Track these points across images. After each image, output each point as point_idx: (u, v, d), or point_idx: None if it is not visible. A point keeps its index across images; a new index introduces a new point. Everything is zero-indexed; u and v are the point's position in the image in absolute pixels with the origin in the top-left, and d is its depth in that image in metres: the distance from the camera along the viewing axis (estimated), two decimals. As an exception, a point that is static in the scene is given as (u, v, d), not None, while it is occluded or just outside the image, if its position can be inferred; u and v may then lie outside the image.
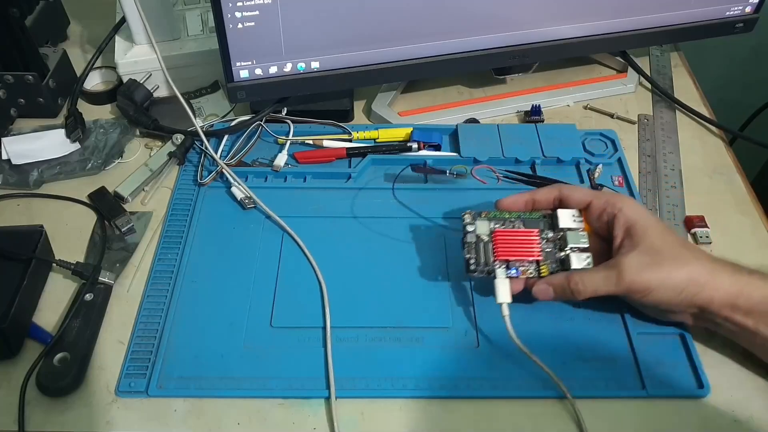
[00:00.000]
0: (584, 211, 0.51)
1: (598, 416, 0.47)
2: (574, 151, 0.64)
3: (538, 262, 0.49)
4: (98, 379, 0.49)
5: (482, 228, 0.50)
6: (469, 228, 0.51)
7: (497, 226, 0.51)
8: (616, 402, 0.48)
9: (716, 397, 0.47)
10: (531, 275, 0.49)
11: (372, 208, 0.60)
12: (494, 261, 0.49)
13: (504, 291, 0.48)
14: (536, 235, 0.50)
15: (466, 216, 0.51)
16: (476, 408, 0.47)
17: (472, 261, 0.49)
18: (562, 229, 0.50)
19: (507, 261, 0.49)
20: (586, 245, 0.49)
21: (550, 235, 0.51)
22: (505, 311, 0.48)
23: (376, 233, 0.58)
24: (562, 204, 0.52)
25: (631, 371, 0.49)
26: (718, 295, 0.45)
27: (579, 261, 0.49)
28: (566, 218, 0.50)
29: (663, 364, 0.49)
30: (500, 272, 0.49)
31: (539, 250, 0.49)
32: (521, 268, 0.49)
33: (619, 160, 0.65)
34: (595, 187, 0.62)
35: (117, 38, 0.71)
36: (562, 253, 0.50)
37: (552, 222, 0.51)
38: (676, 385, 0.48)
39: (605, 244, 0.51)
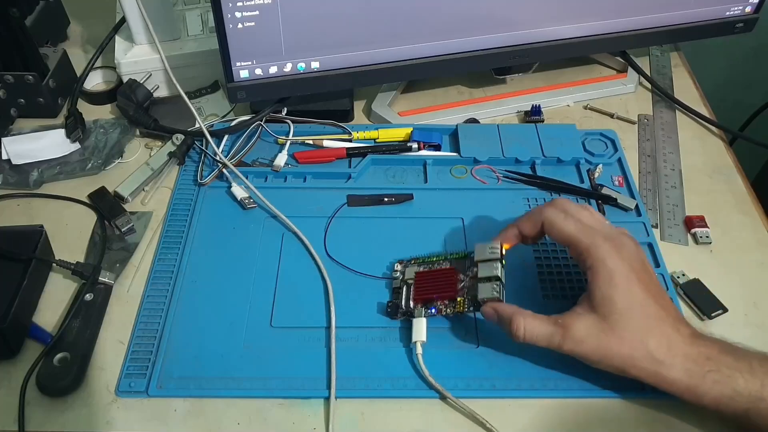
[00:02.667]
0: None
1: (598, 416, 0.47)
2: (574, 151, 0.64)
3: (455, 298, 0.50)
4: (98, 379, 0.49)
5: (410, 273, 0.53)
6: (397, 275, 0.53)
7: (424, 269, 0.53)
8: (616, 402, 0.48)
9: (716, 397, 0.47)
10: (449, 312, 0.50)
11: (372, 209, 0.60)
12: (414, 303, 0.51)
13: (419, 330, 0.49)
14: (453, 273, 0.51)
15: (397, 265, 0.54)
16: (476, 408, 0.47)
17: (390, 306, 0.51)
18: (476, 263, 0.50)
19: (428, 300, 0.50)
20: (497, 275, 0.48)
21: (474, 270, 0.50)
22: (419, 350, 0.49)
23: (376, 233, 0.58)
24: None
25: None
26: (670, 388, 0.43)
27: (485, 291, 0.48)
28: (481, 251, 0.50)
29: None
30: (419, 312, 0.50)
31: (456, 287, 0.50)
32: (440, 306, 0.50)
33: (619, 160, 0.65)
34: (596, 187, 0.62)
35: (117, 38, 0.71)
36: (474, 288, 0.49)
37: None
38: (676, 385, 0.48)
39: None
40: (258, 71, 0.61)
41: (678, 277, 0.55)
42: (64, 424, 0.46)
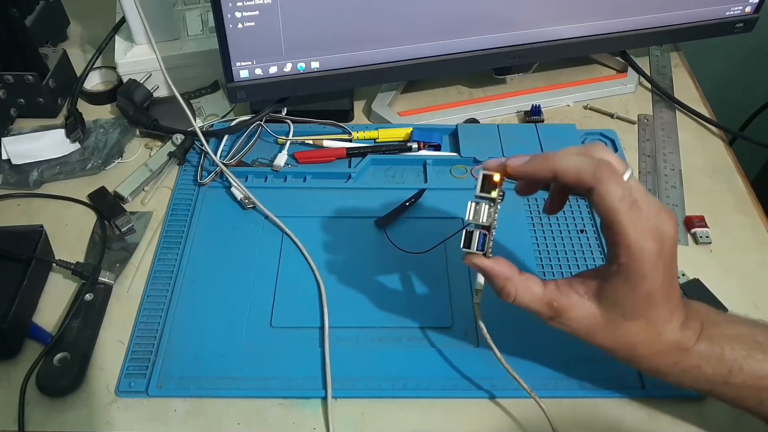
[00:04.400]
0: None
1: (598, 416, 0.47)
2: (574, 151, 0.64)
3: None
4: (98, 379, 0.49)
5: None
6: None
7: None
8: (616, 402, 0.48)
9: (716, 397, 0.47)
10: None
11: (372, 208, 0.60)
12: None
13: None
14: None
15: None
16: (476, 408, 0.47)
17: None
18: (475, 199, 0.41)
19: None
20: (487, 223, 0.40)
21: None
22: (477, 299, 0.44)
23: (377, 233, 0.58)
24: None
25: (631, 371, 0.49)
26: (636, 368, 0.43)
27: (469, 241, 0.41)
28: (486, 185, 0.40)
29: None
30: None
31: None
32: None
33: (619, 160, 0.65)
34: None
35: (117, 38, 0.71)
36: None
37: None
38: (676, 385, 0.48)
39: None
40: (258, 71, 0.61)
41: (678, 277, 0.55)
42: (64, 424, 0.46)
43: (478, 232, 0.41)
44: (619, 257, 0.39)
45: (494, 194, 0.40)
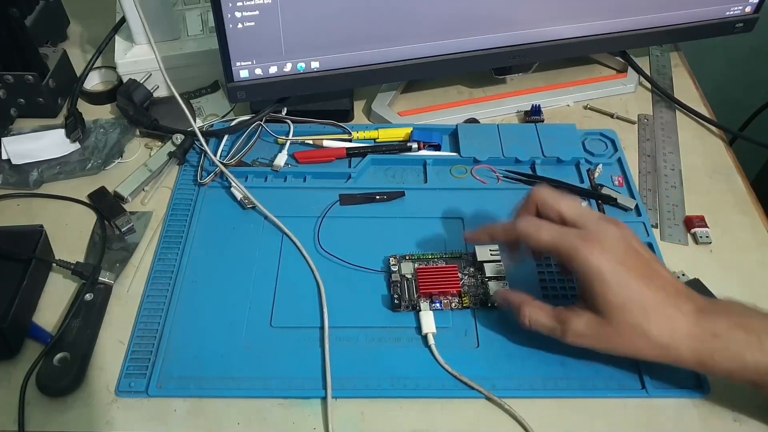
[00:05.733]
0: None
1: (598, 416, 0.47)
2: (574, 151, 0.64)
3: (460, 293, 0.52)
4: (98, 379, 0.49)
5: (406, 268, 0.54)
6: (394, 269, 0.54)
7: (420, 265, 0.54)
8: (616, 402, 0.48)
9: (716, 397, 0.47)
10: (453, 308, 0.52)
11: (372, 208, 0.60)
12: (418, 296, 0.52)
13: (428, 323, 0.51)
14: (456, 270, 0.53)
15: (392, 259, 0.55)
16: (476, 408, 0.47)
17: (396, 298, 0.52)
18: (480, 263, 0.54)
19: (431, 295, 0.52)
20: (503, 275, 0.53)
21: (471, 269, 0.54)
22: (431, 341, 0.50)
23: (376, 233, 0.58)
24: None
25: (631, 371, 0.49)
26: (682, 365, 0.44)
27: (496, 287, 0.52)
28: (483, 253, 0.54)
29: (663, 363, 0.49)
30: (424, 306, 0.52)
31: (460, 283, 0.53)
32: (444, 301, 0.52)
33: (619, 160, 0.65)
34: (596, 187, 0.62)
35: (117, 38, 0.71)
36: (483, 286, 0.53)
37: (473, 259, 0.55)
38: (676, 385, 0.48)
39: None
40: (258, 71, 0.61)
41: (678, 277, 0.55)
42: (64, 424, 0.46)
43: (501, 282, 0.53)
44: (572, 267, 0.45)
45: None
